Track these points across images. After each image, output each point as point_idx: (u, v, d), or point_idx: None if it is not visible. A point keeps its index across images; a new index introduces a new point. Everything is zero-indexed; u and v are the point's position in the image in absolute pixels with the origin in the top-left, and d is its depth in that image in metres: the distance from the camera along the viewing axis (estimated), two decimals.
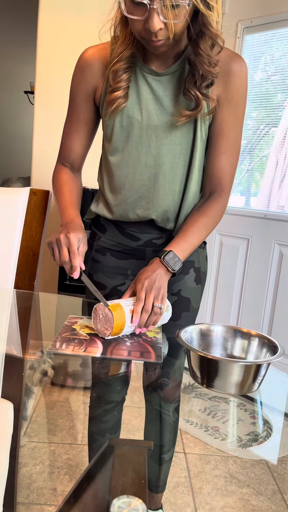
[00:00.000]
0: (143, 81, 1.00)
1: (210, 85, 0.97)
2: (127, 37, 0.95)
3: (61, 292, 2.28)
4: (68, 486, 1.55)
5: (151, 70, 0.99)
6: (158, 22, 0.83)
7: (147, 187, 1.05)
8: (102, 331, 0.89)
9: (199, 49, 0.91)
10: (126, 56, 0.97)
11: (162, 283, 0.94)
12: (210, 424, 1.90)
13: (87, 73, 1.05)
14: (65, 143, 1.14)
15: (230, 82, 0.99)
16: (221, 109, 1.01)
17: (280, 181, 2.27)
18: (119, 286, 1.17)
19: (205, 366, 0.77)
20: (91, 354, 0.84)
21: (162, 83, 1.00)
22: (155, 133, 1.01)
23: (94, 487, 0.57)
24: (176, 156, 1.03)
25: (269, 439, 1.83)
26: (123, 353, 0.85)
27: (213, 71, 0.94)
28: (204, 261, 1.20)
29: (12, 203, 1.25)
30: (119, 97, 0.98)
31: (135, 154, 1.03)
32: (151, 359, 0.84)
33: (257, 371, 0.75)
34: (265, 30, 2.22)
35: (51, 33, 2.36)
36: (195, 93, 0.95)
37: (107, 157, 1.07)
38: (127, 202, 1.07)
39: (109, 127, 1.04)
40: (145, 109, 1.00)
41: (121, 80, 0.98)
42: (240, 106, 1.03)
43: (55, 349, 0.84)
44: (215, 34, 0.89)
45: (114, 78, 0.98)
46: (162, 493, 1.39)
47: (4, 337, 1.00)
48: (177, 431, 1.31)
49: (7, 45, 5.06)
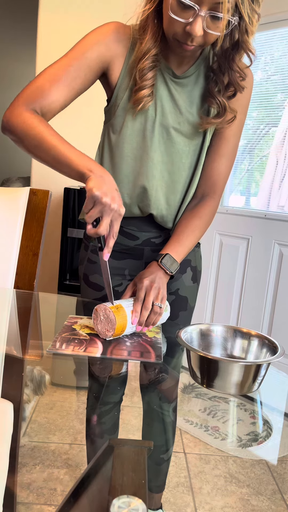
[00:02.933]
0: (162, 79, 1.01)
1: (232, 96, 0.99)
2: (156, 34, 0.94)
3: (61, 292, 2.28)
4: (68, 486, 1.55)
5: (171, 71, 1.00)
6: (200, 29, 0.84)
7: (152, 183, 1.05)
8: (103, 332, 0.89)
9: (233, 63, 0.93)
10: (153, 54, 0.96)
11: (161, 284, 0.95)
12: (210, 424, 1.90)
13: (111, 38, 0.97)
14: (47, 87, 0.93)
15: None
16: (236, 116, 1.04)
17: (280, 181, 2.27)
18: (116, 287, 1.17)
19: (205, 366, 0.77)
20: (91, 354, 0.84)
21: (179, 85, 1.01)
22: (166, 131, 1.02)
23: (94, 487, 0.57)
24: (184, 157, 1.05)
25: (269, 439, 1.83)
26: (123, 353, 0.85)
27: (241, 84, 0.97)
28: (199, 260, 1.21)
29: (12, 203, 1.25)
30: (145, 96, 0.98)
31: (145, 149, 1.03)
32: (151, 359, 0.84)
33: (257, 371, 0.75)
34: (265, 30, 2.22)
35: (51, 33, 2.36)
36: (222, 101, 0.98)
37: (114, 149, 1.05)
38: (131, 196, 1.07)
39: (120, 119, 1.02)
40: (161, 107, 1.01)
41: (147, 79, 0.97)
42: (244, 113, 1.07)
43: (55, 349, 0.84)
44: (252, 49, 0.91)
45: (140, 76, 0.97)
46: (162, 492, 1.39)
47: (4, 337, 1.00)
48: (175, 431, 1.31)
49: (7, 45, 5.06)
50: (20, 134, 0.91)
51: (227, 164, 1.08)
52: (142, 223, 1.12)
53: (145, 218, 1.11)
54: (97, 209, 0.81)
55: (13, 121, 0.91)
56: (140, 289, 0.93)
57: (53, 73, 0.94)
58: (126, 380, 1.09)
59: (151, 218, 1.10)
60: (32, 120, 0.90)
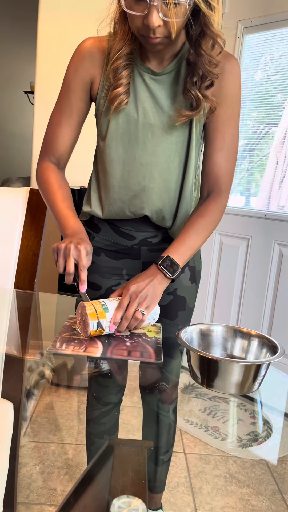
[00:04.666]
0: (140, 79, 1.00)
1: (210, 86, 0.97)
2: (126, 33, 0.95)
3: (61, 292, 2.28)
4: (68, 486, 1.55)
5: (149, 69, 1.00)
6: (157, 19, 0.83)
7: (142, 185, 1.05)
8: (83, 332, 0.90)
9: (201, 49, 0.91)
10: (125, 53, 0.97)
11: (151, 292, 0.92)
12: (210, 424, 1.90)
13: (86, 61, 1.03)
14: (54, 135, 1.08)
15: (224, 80, 1.00)
16: (216, 107, 1.01)
17: (280, 181, 2.27)
18: (114, 287, 1.17)
19: (205, 366, 0.77)
20: (91, 354, 0.84)
21: (159, 82, 1.00)
22: (151, 131, 1.01)
23: (94, 487, 0.57)
24: (172, 155, 1.03)
25: (269, 439, 1.83)
26: (123, 353, 0.85)
27: (214, 71, 0.95)
28: (198, 260, 1.20)
29: (12, 203, 1.25)
30: (120, 94, 0.98)
31: (131, 152, 1.03)
32: (151, 359, 0.84)
33: (257, 371, 0.75)
34: (265, 30, 2.22)
35: (51, 32, 2.36)
36: (196, 93, 0.96)
37: (102, 155, 1.06)
38: (123, 200, 1.07)
39: (104, 125, 1.04)
40: (142, 108, 1.00)
41: (122, 77, 0.98)
42: (235, 103, 1.03)
43: (55, 349, 0.84)
44: (216, 34, 0.90)
45: (114, 76, 0.98)
46: (162, 493, 1.39)
47: (4, 337, 1.00)
48: (175, 432, 1.31)
49: (7, 45, 5.06)
50: (38, 187, 1.11)
51: (226, 158, 1.05)
52: (138, 223, 1.11)
53: (141, 218, 1.10)
54: (59, 257, 0.92)
55: (36, 175, 1.12)
56: (124, 295, 0.91)
57: (53, 121, 1.08)
58: (126, 380, 1.09)
59: (147, 218, 1.10)
60: (44, 178, 1.09)
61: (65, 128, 1.07)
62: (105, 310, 0.88)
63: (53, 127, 1.08)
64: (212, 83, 0.97)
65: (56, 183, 1.07)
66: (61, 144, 1.08)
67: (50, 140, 1.09)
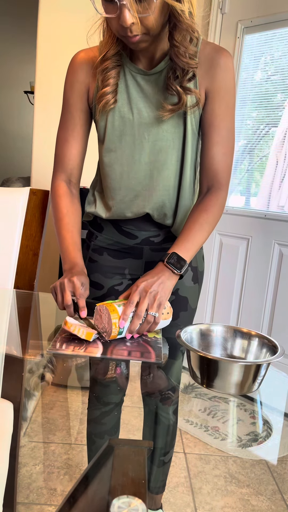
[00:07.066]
0: (132, 80, 1.01)
1: (192, 78, 0.97)
2: (111, 37, 0.98)
3: None
4: (68, 486, 1.55)
5: (139, 70, 1.00)
6: (130, 17, 0.84)
7: (143, 184, 1.05)
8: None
9: (174, 41, 0.92)
10: (111, 54, 0.98)
11: (161, 289, 0.91)
12: (210, 424, 1.90)
13: (79, 74, 1.06)
14: (62, 152, 1.11)
15: (217, 74, 1.00)
16: (210, 101, 1.02)
17: (280, 181, 2.27)
18: (116, 286, 1.17)
19: (205, 366, 0.77)
20: (91, 354, 0.84)
21: (150, 81, 1.01)
22: (147, 131, 1.02)
23: (94, 487, 0.57)
24: (169, 151, 1.03)
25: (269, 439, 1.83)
26: (123, 353, 0.85)
27: (191, 62, 0.94)
28: (201, 260, 1.20)
29: (12, 203, 1.25)
30: (107, 93, 0.99)
31: (129, 153, 1.04)
32: (151, 359, 0.84)
33: (257, 371, 0.75)
34: (265, 30, 2.22)
35: (51, 33, 2.36)
36: (175, 87, 0.96)
37: (102, 158, 1.08)
38: (124, 201, 1.08)
39: (101, 128, 1.05)
40: (136, 108, 1.01)
41: (109, 77, 0.99)
42: (229, 96, 1.03)
43: (55, 349, 0.84)
44: (188, 24, 0.89)
45: (103, 77, 1.00)
46: (162, 493, 1.39)
47: (4, 337, 1.00)
48: (176, 433, 1.31)
49: (7, 45, 5.06)
50: (52, 206, 1.12)
51: (224, 151, 1.05)
52: (140, 222, 1.12)
53: (143, 217, 1.11)
54: (57, 294, 0.94)
55: (52, 193, 1.13)
56: (133, 291, 0.89)
57: (59, 138, 1.11)
58: (127, 381, 1.09)
59: (148, 217, 1.10)
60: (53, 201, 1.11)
61: (71, 143, 1.10)
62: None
63: (61, 144, 1.11)
64: (194, 74, 0.97)
65: (64, 208, 1.09)
66: (69, 160, 1.11)
67: (59, 158, 1.11)
